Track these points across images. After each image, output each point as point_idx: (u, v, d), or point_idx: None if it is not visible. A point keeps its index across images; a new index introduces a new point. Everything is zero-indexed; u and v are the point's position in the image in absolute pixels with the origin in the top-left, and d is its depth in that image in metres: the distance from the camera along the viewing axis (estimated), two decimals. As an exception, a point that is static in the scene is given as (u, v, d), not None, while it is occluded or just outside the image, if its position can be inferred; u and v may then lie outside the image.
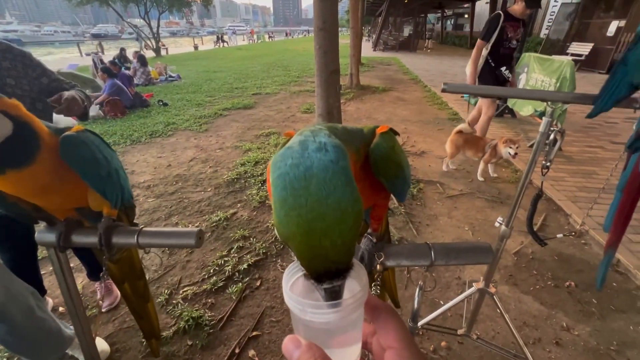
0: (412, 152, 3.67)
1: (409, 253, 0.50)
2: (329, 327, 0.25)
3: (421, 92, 7.08)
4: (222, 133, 4.36)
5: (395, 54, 16.97)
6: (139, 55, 7.98)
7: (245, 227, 2.29)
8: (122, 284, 0.78)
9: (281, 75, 9.29)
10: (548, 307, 1.65)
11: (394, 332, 0.27)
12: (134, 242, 0.49)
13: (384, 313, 0.28)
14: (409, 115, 5.23)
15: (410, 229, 2.30)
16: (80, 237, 0.50)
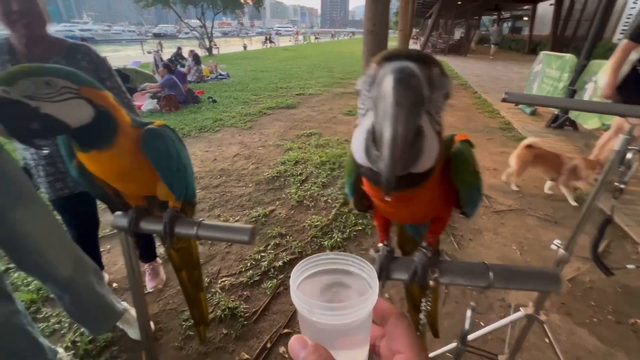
0: (457, 161, 3.50)
1: (465, 272, 0.48)
2: (336, 328, 0.24)
3: (470, 99, 6.74)
4: (265, 131, 4.50)
5: (444, 57, 16.33)
6: (194, 54, 8.49)
7: (282, 225, 2.34)
8: (180, 272, 0.85)
9: (325, 76, 9.36)
10: (607, 344, 1.49)
11: (404, 337, 0.27)
12: (194, 233, 0.52)
13: (393, 317, 0.28)
14: (456, 122, 5.00)
15: (451, 242, 2.19)
16: (148, 224, 0.55)
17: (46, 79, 0.43)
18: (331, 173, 3.13)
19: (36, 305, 1.68)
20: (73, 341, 1.49)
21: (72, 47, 1.26)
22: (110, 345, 1.48)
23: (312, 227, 2.31)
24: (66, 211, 1.44)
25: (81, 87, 0.45)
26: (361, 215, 2.45)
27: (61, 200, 1.36)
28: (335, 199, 2.66)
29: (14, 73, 0.42)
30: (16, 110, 0.42)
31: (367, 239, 2.22)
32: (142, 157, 0.52)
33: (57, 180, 1.31)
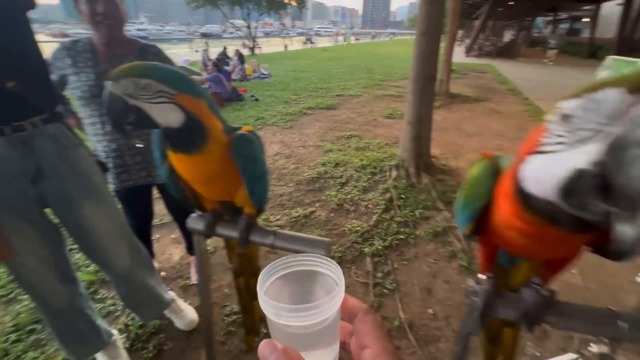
0: (507, 172, 3.28)
1: (588, 318, 0.41)
2: (305, 329, 0.24)
3: (521, 105, 6.31)
4: (305, 131, 4.52)
5: (491, 60, 15.49)
6: (239, 54, 8.79)
7: (322, 228, 2.32)
8: (238, 278, 0.85)
9: (365, 78, 9.26)
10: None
11: (371, 332, 0.27)
12: (269, 242, 0.51)
13: (360, 313, 0.28)
14: (504, 131, 4.70)
15: (501, 259, 2.04)
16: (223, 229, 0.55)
17: (144, 82, 0.44)
18: (372, 177, 3.06)
19: (94, 286, 1.80)
20: (126, 324, 1.57)
21: (144, 47, 1.33)
22: (158, 333, 1.55)
23: (352, 232, 2.27)
24: (127, 201, 1.53)
25: (177, 93, 0.46)
26: (403, 223, 2.37)
27: (124, 191, 1.44)
28: (376, 205, 2.59)
29: (120, 72, 0.46)
30: (117, 104, 0.47)
31: (410, 248, 2.14)
32: (230, 162, 0.52)
33: (123, 172, 1.39)
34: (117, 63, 1.27)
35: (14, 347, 1.45)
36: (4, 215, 0.99)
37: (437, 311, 1.68)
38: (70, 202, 1.08)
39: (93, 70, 1.25)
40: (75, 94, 1.27)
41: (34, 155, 0.99)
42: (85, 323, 1.25)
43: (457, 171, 3.26)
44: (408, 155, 3.01)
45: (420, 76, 2.73)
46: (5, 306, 1.69)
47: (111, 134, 1.31)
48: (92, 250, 1.19)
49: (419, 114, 2.87)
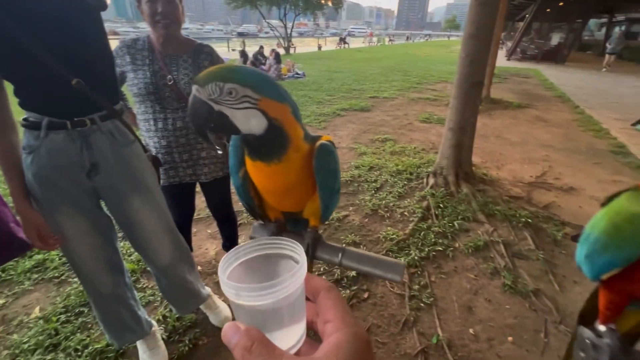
0: (555, 186, 3.06)
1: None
2: (266, 308, 0.24)
3: (570, 114, 5.89)
4: (339, 133, 4.48)
5: (536, 65, 14.64)
6: (276, 53, 8.92)
7: (356, 233, 2.27)
8: None
9: (400, 80, 9.06)
10: None
11: (332, 307, 0.27)
12: (337, 260, 0.48)
13: (323, 290, 0.28)
14: (551, 140, 4.40)
15: (550, 281, 1.89)
16: (287, 242, 0.52)
17: (230, 86, 0.42)
18: (408, 184, 2.97)
19: (136, 275, 1.88)
20: (164, 315, 1.62)
21: (199, 47, 1.36)
22: (194, 327, 1.58)
23: (387, 240, 2.20)
24: (172, 196, 1.57)
25: (262, 98, 0.44)
26: (441, 234, 2.26)
27: (170, 186, 1.48)
28: (412, 212, 2.51)
29: (206, 75, 0.43)
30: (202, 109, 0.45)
31: (448, 261, 2.04)
32: (308, 174, 0.49)
33: (171, 169, 1.43)
34: (171, 61, 1.31)
35: (63, 328, 1.54)
36: (61, 203, 1.04)
37: (478, 332, 1.58)
38: (120, 197, 1.12)
39: (149, 68, 1.29)
40: (132, 91, 1.32)
41: (90, 150, 1.03)
42: (128, 311, 1.29)
43: (499, 182, 3.08)
44: (447, 163, 2.89)
45: (466, 81, 2.60)
46: (57, 287, 1.80)
47: (162, 130, 1.35)
48: (138, 244, 1.23)
49: (461, 121, 2.73)
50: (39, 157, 0.98)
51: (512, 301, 1.75)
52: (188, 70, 1.33)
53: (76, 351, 1.43)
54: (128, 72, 1.30)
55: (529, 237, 2.25)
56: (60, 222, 1.06)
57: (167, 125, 1.34)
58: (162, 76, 1.29)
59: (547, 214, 2.54)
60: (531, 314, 1.68)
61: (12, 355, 1.42)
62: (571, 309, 1.71)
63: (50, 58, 0.89)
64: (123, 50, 1.30)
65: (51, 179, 1.01)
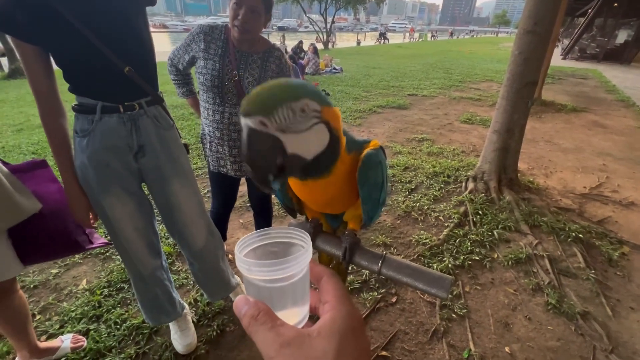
0: (612, 199, 2.76)
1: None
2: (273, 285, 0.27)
3: (634, 120, 5.31)
4: (374, 130, 4.39)
5: (596, 65, 13.37)
6: (314, 48, 8.91)
7: (387, 234, 2.21)
8: None
9: (441, 77, 8.68)
10: None
11: (332, 290, 0.29)
12: (376, 269, 0.45)
13: (325, 276, 0.31)
14: (610, 148, 3.99)
15: (601, 304, 1.72)
16: (325, 244, 0.50)
17: (303, 103, 0.34)
18: (445, 187, 2.84)
19: (171, 258, 1.97)
20: (195, 299, 1.68)
21: (270, 49, 1.37)
22: (222, 313, 1.62)
23: (420, 244, 2.11)
24: (218, 185, 1.63)
25: (322, 107, 0.37)
26: (479, 242, 2.13)
27: (219, 175, 1.53)
28: (448, 217, 2.39)
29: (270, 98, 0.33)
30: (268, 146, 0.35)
31: (485, 272, 1.92)
32: (352, 184, 0.45)
33: (221, 159, 1.48)
34: (241, 58, 1.32)
35: (106, 301, 1.65)
36: (112, 184, 1.11)
37: (514, 351, 1.47)
38: (162, 179, 1.18)
39: (220, 60, 1.31)
40: (199, 79, 1.36)
41: (138, 133, 1.10)
42: (164, 293, 1.35)
43: (547, 190, 2.85)
44: (489, 167, 2.71)
45: (517, 80, 2.41)
46: (102, 263, 1.94)
47: (218, 122, 1.39)
48: (175, 226, 1.28)
49: (509, 123, 2.55)
50: (93, 140, 1.05)
51: (556, 322, 1.61)
52: (255, 71, 1.34)
53: (115, 324, 1.53)
54: (199, 58, 1.34)
55: (579, 253, 2.05)
56: (111, 204, 1.12)
57: (223, 119, 1.38)
58: (229, 71, 1.31)
59: (601, 230, 2.30)
60: (577, 339, 1.53)
61: (61, 322, 1.55)
62: (625, 338, 1.54)
63: (106, 48, 0.95)
64: (200, 36, 1.33)
65: (105, 160, 1.07)
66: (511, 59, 2.43)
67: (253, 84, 1.32)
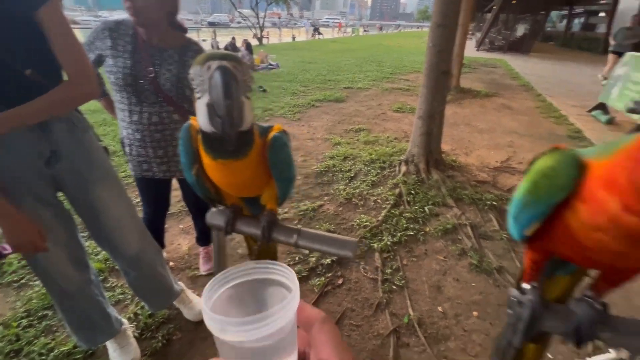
0: (519, 170, 3.22)
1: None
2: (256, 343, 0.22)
3: (533, 102, 6.19)
4: (313, 124, 4.48)
5: (503, 55, 15.19)
6: (247, 44, 8.71)
7: (330, 222, 2.30)
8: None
9: (374, 70, 9.13)
10: None
11: (329, 343, 0.25)
12: (293, 241, 0.49)
13: (317, 322, 0.26)
14: (516, 127, 4.62)
15: (512, 258, 2.02)
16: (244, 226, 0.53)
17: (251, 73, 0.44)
18: (381, 172, 3.03)
19: (104, 274, 1.81)
20: (135, 313, 1.58)
21: (187, 43, 1.30)
22: (167, 322, 1.55)
23: (361, 227, 2.25)
24: (146, 190, 1.53)
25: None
26: (413, 219, 2.34)
27: (144, 180, 1.44)
28: (385, 200, 2.57)
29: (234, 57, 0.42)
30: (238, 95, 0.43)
31: (419, 245, 2.12)
32: (264, 165, 0.49)
33: (144, 162, 1.38)
34: (155, 54, 1.24)
35: (25, 333, 1.47)
36: (23, 195, 0.99)
37: (446, 309, 1.66)
38: (83, 183, 1.10)
39: (131, 57, 1.21)
40: (110, 78, 1.25)
41: (49, 138, 1.01)
42: (96, 310, 1.26)
43: (467, 167, 3.21)
44: (418, 151, 2.97)
45: (434, 70, 2.66)
46: (17, 291, 1.71)
47: (137, 124, 1.30)
48: (103, 234, 1.19)
49: (430, 109, 2.81)
50: None
51: (478, 279, 1.85)
52: (172, 67, 1.26)
53: (40, 355, 1.37)
54: (108, 57, 1.23)
55: (494, 218, 2.37)
56: None
57: (142, 119, 1.29)
58: (143, 68, 1.22)
59: (510, 197, 2.67)
60: (495, 290, 1.78)
61: (-32, 365, 1.34)
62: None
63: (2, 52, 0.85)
64: (105, 32, 1.22)
65: (12, 171, 0.96)
66: (427, 51, 2.67)
67: (171, 80, 1.26)
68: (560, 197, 0.41)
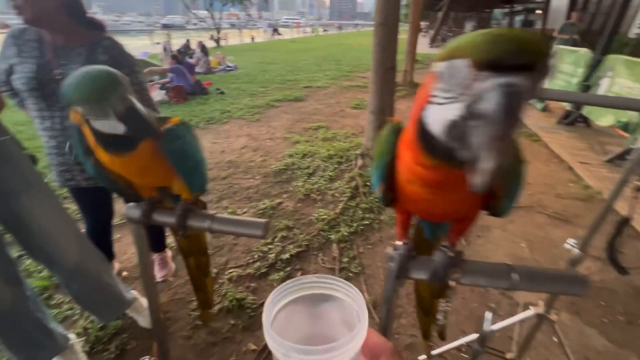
0: (466, 157, 3.46)
1: (488, 273, 0.47)
2: None
3: (480, 94, 6.63)
4: (273, 124, 4.48)
5: (454, 51, 16.03)
6: (202, 45, 8.48)
7: (289, 218, 2.34)
8: (188, 258, 0.86)
9: (332, 69, 9.28)
10: (617, 345, 1.47)
11: None
12: (207, 226, 0.52)
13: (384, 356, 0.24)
14: (464, 118, 4.93)
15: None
16: (160, 216, 0.55)
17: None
18: (338, 167, 3.12)
19: (48, 291, 1.71)
20: (85, 327, 1.52)
21: (97, 39, 1.24)
22: (120, 333, 1.51)
23: (319, 221, 2.31)
24: (81, 201, 1.46)
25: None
26: (368, 209, 2.44)
27: (76, 190, 1.38)
28: (342, 193, 2.65)
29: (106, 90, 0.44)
30: None
31: (375, 233, 2.22)
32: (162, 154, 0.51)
33: (66, 171, 1.32)
34: (62, 54, 1.19)
35: (-42, 361, 1.36)
36: None
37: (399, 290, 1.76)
38: (7, 194, 1.04)
39: (36, 61, 1.16)
40: (16, 85, 1.19)
41: None
42: (35, 327, 1.19)
43: (420, 158, 3.39)
44: (372, 144, 3.09)
45: (380, 66, 2.79)
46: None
47: (50, 130, 1.24)
48: (36, 246, 1.14)
49: (381, 104, 2.94)
50: None
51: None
52: (80, 65, 1.19)
53: (-23, 383, 1.28)
54: (16, 64, 1.17)
55: (443, 203, 2.54)
56: None
57: (54, 125, 1.23)
58: (49, 70, 1.17)
59: (458, 182, 2.88)
60: (443, 268, 1.92)
61: None
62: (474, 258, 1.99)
63: None
64: (9, 40, 1.17)
65: None
66: (372, 49, 2.79)
67: None
68: (386, 160, 0.48)
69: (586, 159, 3.38)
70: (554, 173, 3.14)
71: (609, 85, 3.81)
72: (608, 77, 3.86)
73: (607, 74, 3.88)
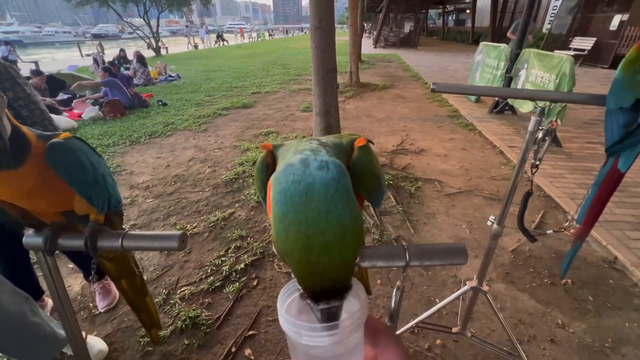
0: (411, 150, 3.67)
1: (385, 255, 0.51)
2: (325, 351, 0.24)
3: (421, 89, 7.05)
4: (221, 133, 4.37)
5: (396, 50, 16.89)
6: (139, 55, 7.99)
7: (242, 227, 2.30)
8: (119, 281, 0.81)
9: (280, 73, 9.28)
10: (544, 305, 1.66)
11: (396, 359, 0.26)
12: (119, 245, 0.50)
13: (384, 337, 0.27)
14: (408, 113, 5.21)
15: (407, 227, 2.30)
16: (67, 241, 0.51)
17: None
18: (290, 170, 3.12)
19: (-34, 342, 1.50)
20: (14, 376, 1.35)
21: None
22: (59, 374, 1.37)
23: (273, 226, 2.29)
24: None
25: None
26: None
27: None
28: (295, 196, 2.66)
29: None
30: None
31: (329, 232, 2.26)
32: (52, 172, 0.48)
33: None
34: None
35: None
36: None
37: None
38: None
39: None
40: None
41: None
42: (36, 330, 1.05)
43: (369, 154, 3.51)
44: (322, 145, 3.14)
45: (320, 69, 2.85)
46: None
47: None
48: None
49: (325, 105, 3.00)
50: None
51: None
52: None
53: None
54: None
55: (391, 196, 2.66)
56: None
57: None
58: None
59: (404, 174, 3.04)
60: (394, 258, 2.01)
61: None
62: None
63: None
64: None
65: None
66: (311, 52, 2.84)
67: None
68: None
69: (514, 143, 3.76)
70: (487, 158, 3.45)
71: (526, 76, 4.27)
72: (524, 68, 4.33)
73: (524, 66, 4.35)
